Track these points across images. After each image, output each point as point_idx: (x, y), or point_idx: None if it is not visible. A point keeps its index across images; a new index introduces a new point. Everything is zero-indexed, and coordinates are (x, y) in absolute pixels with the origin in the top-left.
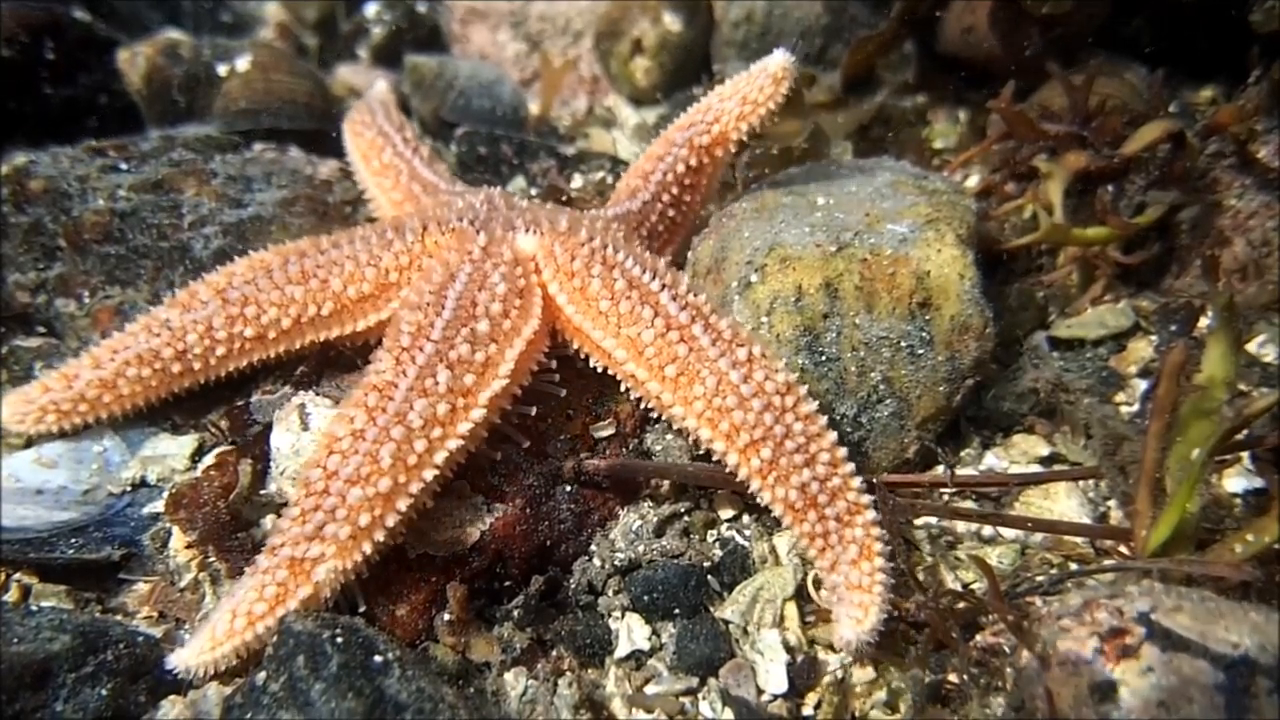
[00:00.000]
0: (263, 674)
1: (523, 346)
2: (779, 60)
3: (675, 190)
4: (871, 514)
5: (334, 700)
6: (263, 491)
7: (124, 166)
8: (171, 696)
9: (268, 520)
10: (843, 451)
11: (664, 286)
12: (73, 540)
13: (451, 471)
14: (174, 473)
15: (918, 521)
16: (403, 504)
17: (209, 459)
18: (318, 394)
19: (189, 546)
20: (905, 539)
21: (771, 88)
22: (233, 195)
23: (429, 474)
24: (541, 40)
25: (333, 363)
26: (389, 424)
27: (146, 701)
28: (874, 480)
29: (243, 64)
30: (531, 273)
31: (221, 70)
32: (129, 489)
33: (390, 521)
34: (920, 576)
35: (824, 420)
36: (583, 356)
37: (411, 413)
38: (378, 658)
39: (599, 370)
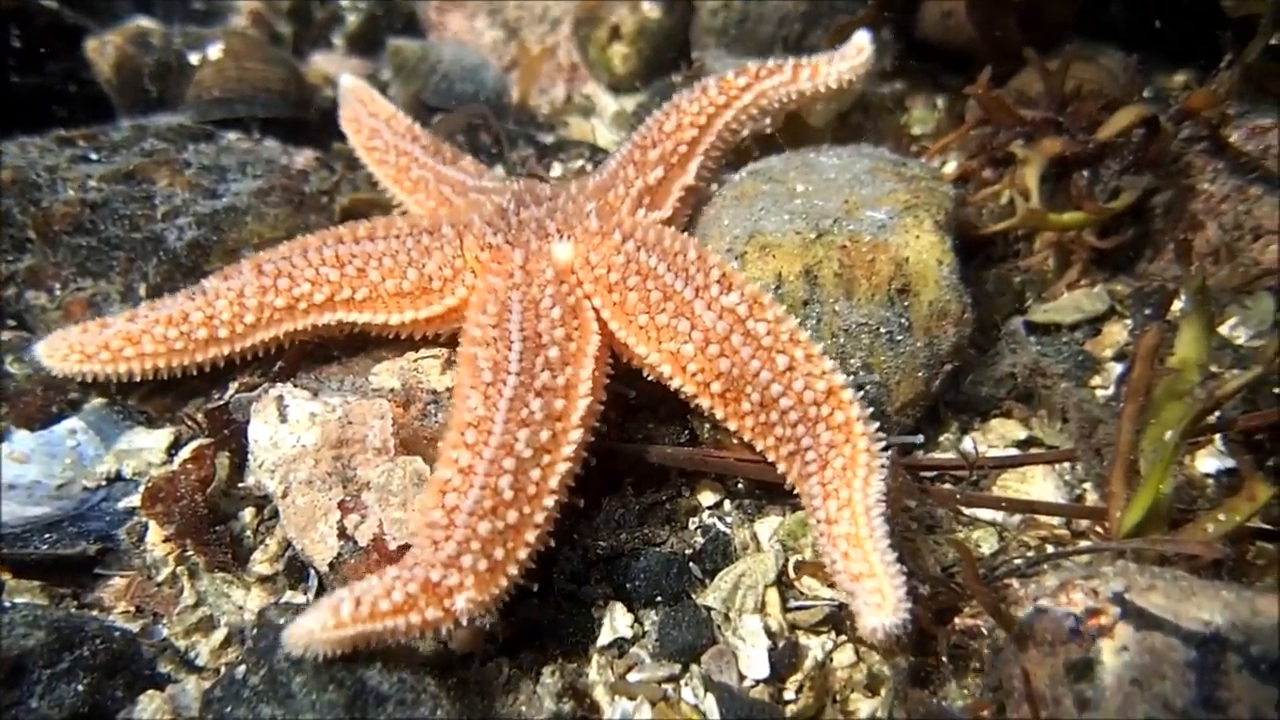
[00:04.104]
0: (242, 667)
1: (593, 364)
2: (863, 36)
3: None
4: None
5: (315, 692)
6: (241, 484)
7: (94, 156)
8: (150, 691)
9: (246, 513)
10: (866, 458)
11: (698, 292)
12: (47, 535)
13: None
14: (150, 466)
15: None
16: (531, 535)
17: (185, 452)
18: (296, 386)
19: (166, 540)
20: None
21: (858, 57)
22: (207, 185)
23: (550, 501)
24: (519, 27)
25: (310, 356)
26: (497, 456)
27: (124, 697)
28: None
29: (215, 52)
30: (575, 285)
31: (193, 58)
32: (104, 483)
33: (522, 554)
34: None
35: (860, 423)
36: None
37: (518, 443)
38: None
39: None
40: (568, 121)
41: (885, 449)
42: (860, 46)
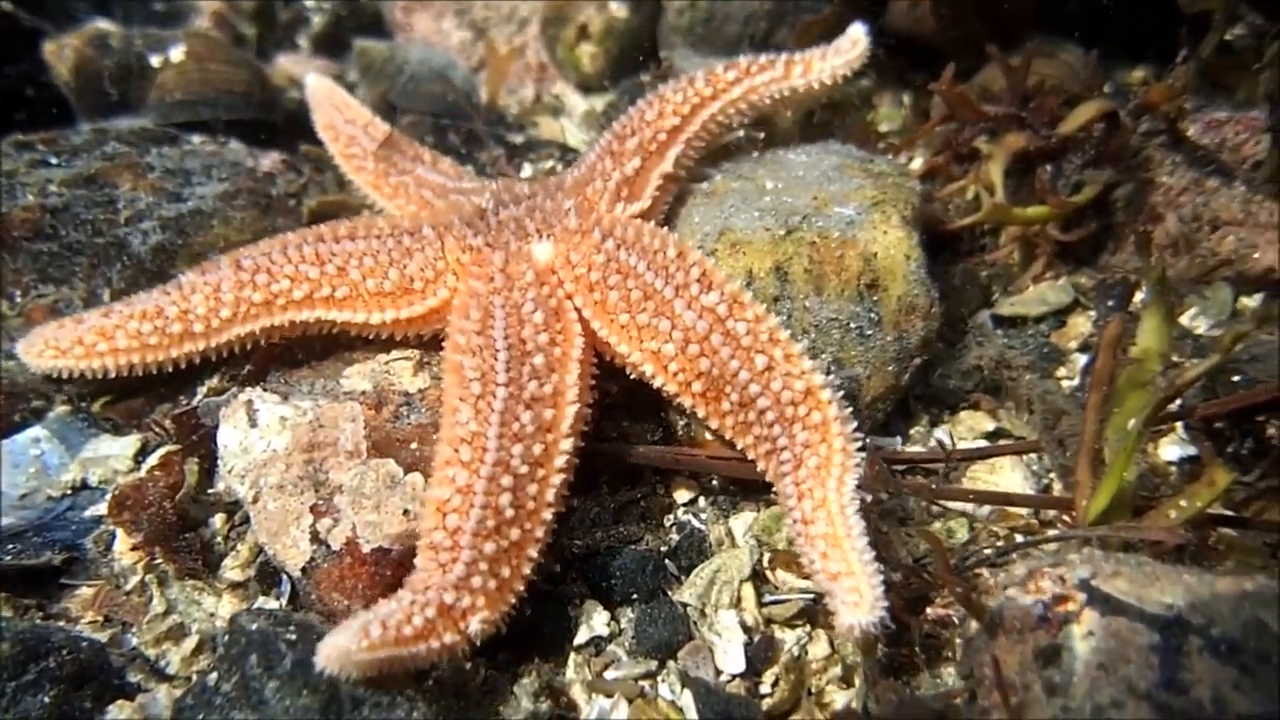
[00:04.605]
0: (214, 674)
1: (578, 369)
2: (858, 29)
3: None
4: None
5: (289, 698)
6: (211, 490)
7: (54, 160)
8: (119, 701)
9: (217, 519)
10: (841, 457)
11: (678, 291)
12: (10, 546)
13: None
14: (116, 474)
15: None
16: (534, 550)
17: (153, 458)
18: (265, 389)
19: (134, 548)
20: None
21: (853, 50)
22: (171, 189)
23: (548, 514)
24: (487, 28)
25: (279, 359)
26: (495, 474)
27: (93, 708)
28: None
29: (177, 54)
30: (556, 286)
31: (155, 61)
32: (69, 492)
33: (527, 569)
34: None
35: (838, 423)
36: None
37: (513, 460)
38: None
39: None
40: (537, 121)
41: (862, 448)
42: (855, 39)
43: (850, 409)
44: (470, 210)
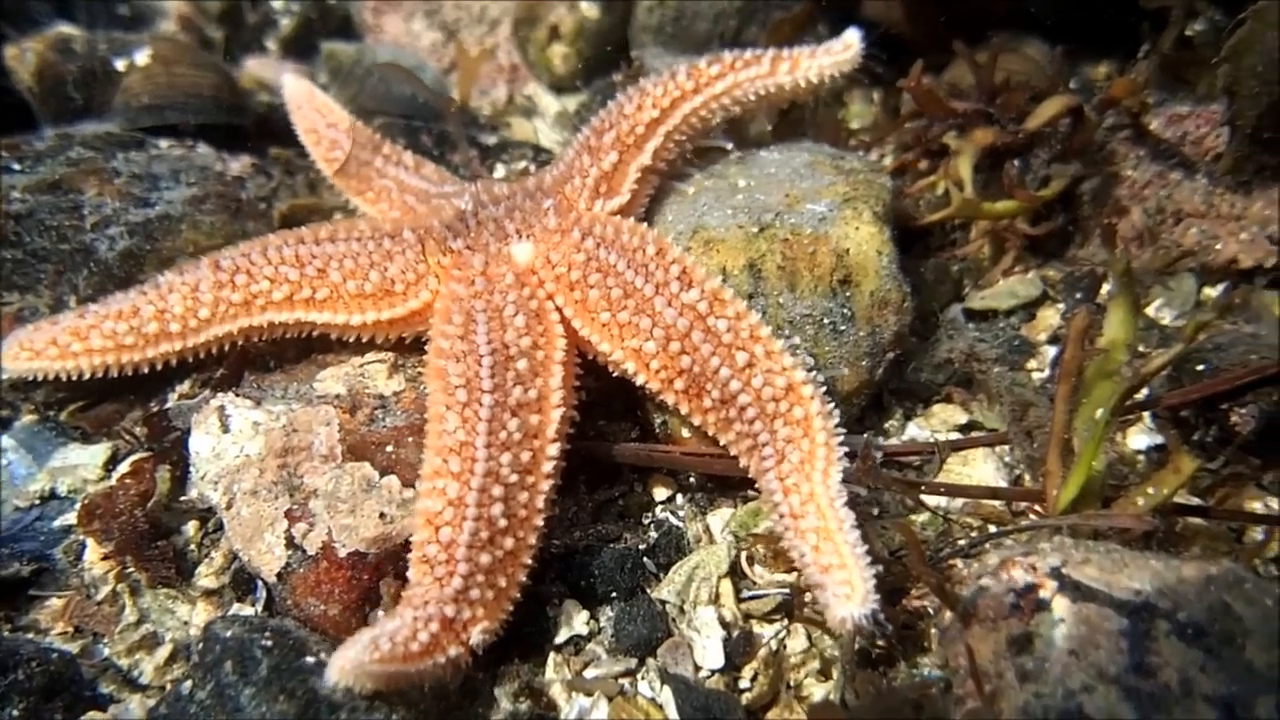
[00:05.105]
0: (189, 683)
1: (562, 372)
2: (853, 33)
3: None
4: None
5: (265, 704)
6: (183, 497)
7: (17, 166)
8: (91, 713)
9: (189, 526)
10: (825, 451)
11: (658, 289)
12: None
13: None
14: (86, 483)
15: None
16: (527, 557)
17: (124, 466)
18: (238, 395)
19: (105, 558)
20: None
21: (845, 53)
22: (138, 194)
23: (539, 520)
24: (457, 29)
25: (252, 364)
26: (485, 485)
27: (64, 719)
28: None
29: (142, 58)
30: (537, 287)
31: (120, 65)
32: (37, 502)
33: (522, 576)
34: None
35: (820, 418)
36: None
37: (503, 469)
38: (310, 658)
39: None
40: (510, 122)
41: (844, 446)
42: (848, 43)
43: (832, 404)
44: (450, 213)
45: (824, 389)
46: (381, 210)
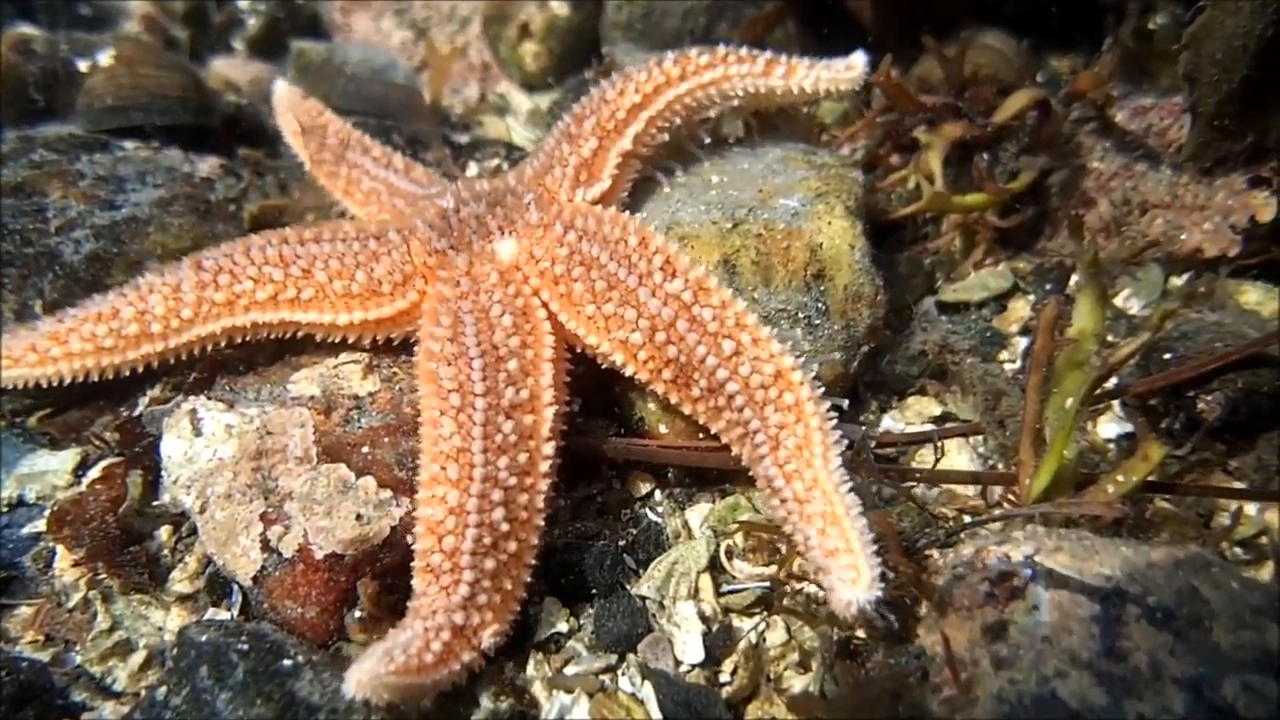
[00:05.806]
0: (163, 689)
1: (552, 369)
2: (860, 56)
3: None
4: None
5: (242, 708)
6: (156, 502)
7: None
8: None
9: (163, 531)
10: (820, 436)
11: (641, 279)
12: None
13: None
14: (55, 490)
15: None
16: (530, 558)
17: (94, 472)
18: (210, 398)
19: (76, 565)
20: None
21: (846, 73)
22: (104, 196)
23: (539, 520)
24: (428, 27)
25: (225, 367)
26: (485, 490)
27: None
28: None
29: (105, 59)
30: (522, 283)
31: (82, 66)
32: (5, 510)
33: (527, 577)
34: None
35: (811, 403)
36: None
37: (501, 473)
38: (286, 661)
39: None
40: (482, 121)
41: (837, 427)
42: (854, 64)
43: (822, 389)
44: (434, 213)
45: (814, 374)
46: (370, 213)
